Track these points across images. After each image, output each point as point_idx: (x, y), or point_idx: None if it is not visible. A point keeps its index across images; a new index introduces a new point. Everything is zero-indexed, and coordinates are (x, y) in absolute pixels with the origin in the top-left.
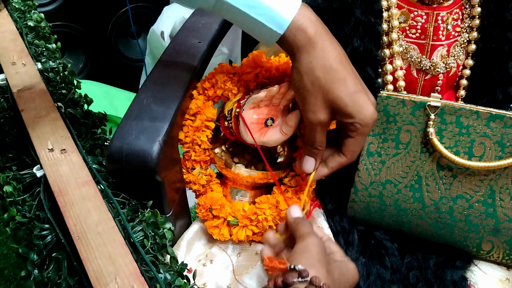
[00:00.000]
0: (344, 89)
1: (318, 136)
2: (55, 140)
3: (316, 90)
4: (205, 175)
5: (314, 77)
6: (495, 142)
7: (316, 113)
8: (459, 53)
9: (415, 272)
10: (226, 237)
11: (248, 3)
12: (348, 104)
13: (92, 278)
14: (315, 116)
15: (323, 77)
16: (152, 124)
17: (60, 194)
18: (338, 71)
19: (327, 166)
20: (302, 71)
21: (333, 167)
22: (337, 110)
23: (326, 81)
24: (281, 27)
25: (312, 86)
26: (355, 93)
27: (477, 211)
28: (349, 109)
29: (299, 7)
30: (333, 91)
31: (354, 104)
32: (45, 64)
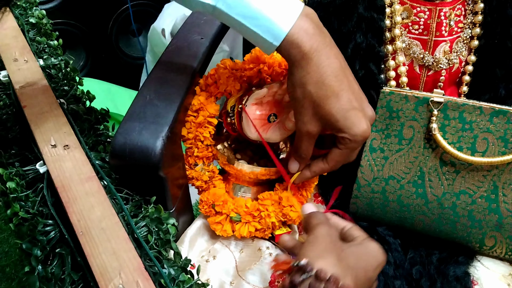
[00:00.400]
0: (336, 105)
1: (304, 145)
2: (58, 136)
3: (307, 103)
4: (208, 171)
5: (305, 91)
6: (498, 138)
7: (306, 124)
8: (462, 49)
9: (418, 268)
10: (229, 233)
11: (244, 13)
12: (339, 120)
13: (96, 273)
14: (304, 126)
15: (315, 92)
16: (155, 120)
17: (64, 190)
18: (331, 86)
19: (310, 170)
20: (295, 83)
21: (315, 171)
22: (327, 124)
23: (318, 96)
24: (277, 39)
25: (303, 99)
26: (348, 110)
27: (480, 206)
28: (339, 124)
29: (296, 19)
30: (323, 106)
31: (345, 120)
32: (47, 61)
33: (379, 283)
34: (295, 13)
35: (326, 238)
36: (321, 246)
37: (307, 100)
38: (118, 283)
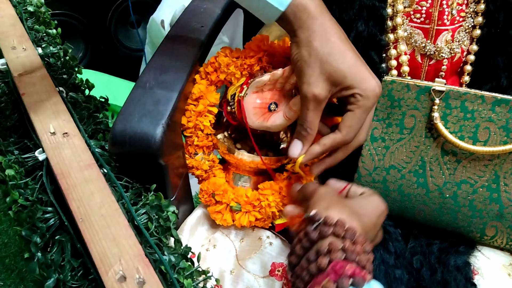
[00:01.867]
0: (342, 61)
1: (310, 115)
2: (57, 124)
3: (313, 61)
4: (208, 161)
5: (311, 48)
6: (500, 127)
7: (311, 85)
8: (464, 38)
9: (418, 257)
10: (229, 222)
11: None
12: (347, 76)
13: (96, 260)
14: (309, 88)
15: (321, 49)
16: (155, 108)
17: (63, 177)
18: (336, 44)
19: (320, 143)
20: (300, 44)
21: (325, 144)
22: (336, 82)
23: (324, 52)
24: (282, 4)
25: (309, 57)
26: (355, 66)
27: (481, 196)
28: (348, 80)
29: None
30: (331, 63)
31: (354, 75)
32: (46, 49)
33: (380, 273)
34: None
35: (327, 194)
36: (326, 200)
37: (313, 57)
38: (118, 269)
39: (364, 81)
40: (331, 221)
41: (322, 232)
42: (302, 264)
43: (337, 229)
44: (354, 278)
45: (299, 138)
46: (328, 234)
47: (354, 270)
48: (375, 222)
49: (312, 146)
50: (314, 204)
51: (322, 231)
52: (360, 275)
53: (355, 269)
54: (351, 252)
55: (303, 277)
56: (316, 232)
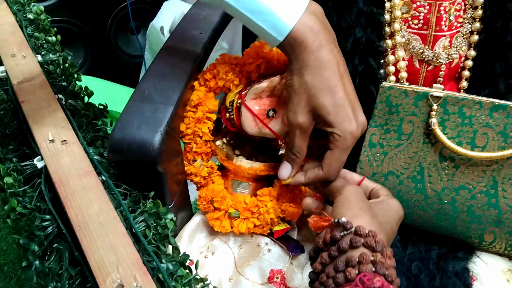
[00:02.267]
0: (330, 98)
1: (296, 141)
2: (56, 132)
3: (301, 92)
4: (207, 167)
5: (302, 80)
6: (497, 132)
7: (297, 114)
8: (462, 44)
9: (417, 263)
10: (227, 229)
11: (250, 7)
12: (330, 113)
13: (94, 268)
14: (295, 117)
15: (311, 83)
16: (153, 115)
17: (61, 185)
18: (328, 80)
19: (305, 176)
20: (293, 72)
21: (309, 177)
22: (319, 116)
23: (314, 86)
24: (281, 35)
25: (299, 88)
26: (340, 106)
27: (480, 201)
28: (330, 117)
29: (301, 15)
30: (318, 97)
31: (336, 115)
32: (45, 57)
33: None
34: (300, 9)
35: (356, 197)
36: (355, 206)
37: (302, 89)
38: (116, 278)
39: (345, 122)
40: (363, 232)
41: (353, 242)
42: (328, 272)
43: (368, 240)
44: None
45: (288, 161)
46: (359, 245)
47: (383, 283)
48: (395, 230)
49: (298, 175)
50: (341, 206)
51: (353, 241)
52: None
53: (383, 282)
54: (381, 265)
55: (328, 285)
56: (347, 241)
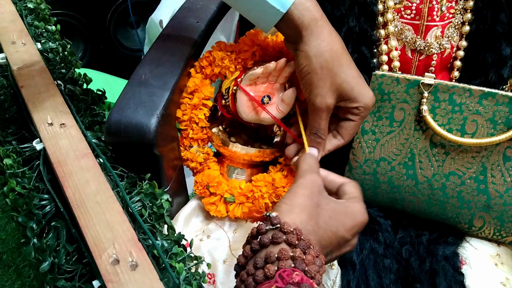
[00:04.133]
0: (350, 72)
1: (323, 123)
2: (55, 115)
3: (325, 73)
4: (203, 153)
5: (323, 60)
6: (487, 120)
7: (325, 97)
8: (453, 34)
9: (407, 247)
10: (223, 213)
11: None
12: (354, 87)
13: (90, 244)
14: (323, 100)
15: (331, 61)
16: (150, 99)
17: (60, 165)
18: (343, 55)
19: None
20: (310, 54)
21: (329, 149)
22: (343, 93)
23: (334, 64)
24: (284, 6)
25: (321, 69)
26: (359, 77)
27: (469, 187)
28: (354, 92)
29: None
30: (340, 74)
31: (359, 87)
32: (45, 45)
33: (369, 262)
34: None
35: (305, 190)
36: (296, 201)
37: (325, 70)
38: (112, 253)
39: (366, 93)
40: (287, 229)
41: (274, 238)
42: (248, 270)
43: (290, 237)
44: (301, 286)
45: (314, 145)
46: (280, 241)
47: (302, 278)
48: (341, 235)
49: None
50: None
51: (274, 237)
52: (308, 282)
53: (302, 277)
54: (301, 261)
55: (248, 284)
56: (269, 236)
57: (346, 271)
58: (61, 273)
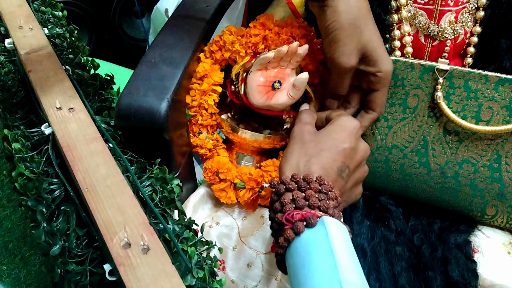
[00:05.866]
0: (375, 32)
1: (346, 82)
2: (63, 100)
3: (352, 30)
4: (212, 140)
5: (352, 16)
6: (503, 107)
7: (350, 56)
8: (467, 20)
9: (419, 235)
10: (233, 200)
11: None
12: (377, 48)
13: (101, 227)
14: (348, 60)
15: (360, 18)
16: (160, 83)
17: (69, 149)
18: (370, 14)
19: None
20: (340, 9)
21: (366, 125)
22: (366, 54)
23: (361, 22)
24: None
25: (349, 26)
26: (381, 40)
27: (483, 175)
28: (377, 53)
29: None
30: (366, 33)
31: (380, 49)
32: (52, 30)
33: (380, 249)
34: None
35: (295, 139)
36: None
37: (353, 26)
38: (123, 237)
39: (385, 58)
40: (285, 179)
41: (278, 191)
42: (272, 226)
43: (288, 185)
44: (305, 220)
45: (334, 98)
46: (282, 191)
47: (302, 213)
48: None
49: None
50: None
51: (277, 190)
52: (310, 214)
53: (302, 213)
54: (299, 200)
55: (275, 236)
56: (274, 193)
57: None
58: (71, 257)
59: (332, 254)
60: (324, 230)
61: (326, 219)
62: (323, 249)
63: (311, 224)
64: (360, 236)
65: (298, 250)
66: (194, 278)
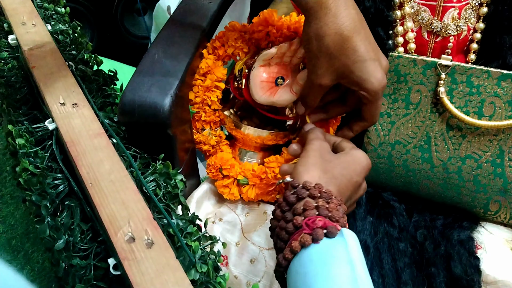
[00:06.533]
0: (352, 58)
1: (312, 96)
2: (67, 95)
3: (323, 56)
4: (215, 136)
5: (322, 44)
6: (505, 102)
7: (320, 77)
8: (471, 16)
9: (422, 231)
10: (236, 196)
11: None
12: (354, 72)
13: (105, 222)
14: (317, 79)
15: (332, 45)
16: (163, 78)
17: (73, 145)
18: (349, 39)
19: (352, 129)
20: (311, 35)
21: (357, 130)
22: (343, 76)
23: (335, 49)
24: None
25: (319, 52)
26: (364, 61)
27: (486, 171)
28: (354, 77)
29: None
30: (340, 58)
31: (361, 72)
32: (55, 27)
33: (383, 245)
34: None
35: (316, 152)
36: (309, 161)
37: (323, 53)
38: (127, 231)
39: (371, 77)
40: (309, 185)
41: (299, 195)
42: (280, 225)
43: (312, 191)
44: (326, 228)
45: (303, 105)
46: (304, 196)
47: (325, 222)
48: (355, 181)
49: (346, 132)
50: (299, 163)
51: (299, 194)
52: (332, 224)
53: (325, 221)
54: (324, 209)
55: (283, 237)
56: (294, 195)
57: None
58: (76, 251)
59: (352, 268)
60: (344, 242)
61: (345, 232)
62: (342, 261)
63: (332, 233)
64: (363, 232)
65: (312, 258)
66: (198, 273)
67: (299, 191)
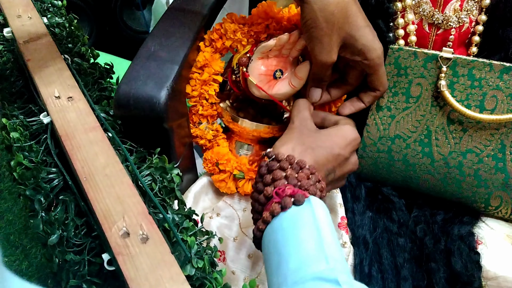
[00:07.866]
0: (356, 24)
1: (328, 74)
2: (62, 89)
3: (330, 28)
4: (212, 130)
5: (328, 13)
6: (507, 95)
7: (330, 53)
8: (473, 8)
9: (422, 226)
10: (233, 190)
11: None
12: (358, 40)
13: (100, 217)
14: (329, 56)
15: (337, 12)
16: (160, 71)
17: (68, 138)
18: (349, 4)
19: (364, 101)
20: (316, 7)
21: (369, 101)
22: (346, 46)
23: (340, 17)
24: None
25: (327, 24)
26: (365, 27)
27: (487, 165)
28: (359, 45)
29: None
30: (344, 27)
31: (365, 39)
32: (51, 20)
33: (383, 240)
34: None
35: (295, 128)
36: (287, 136)
37: (330, 24)
38: (122, 226)
39: (373, 44)
40: (281, 157)
41: (270, 167)
42: (253, 196)
43: (282, 163)
44: (294, 196)
45: (317, 86)
46: (274, 168)
47: (293, 190)
48: (337, 153)
49: (358, 103)
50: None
51: (269, 165)
52: (301, 193)
53: (294, 189)
54: (292, 178)
55: (257, 208)
56: (266, 167)
57: (359, 249)
58: (70, 247)
59: (318, 231)
60: (311, 209)
61: (313, 199)
62: (309, 226)
63: (299, 201)
64: (362, 227)
65: (282, 225)
66: (193, 268)
67: (269, 163)
